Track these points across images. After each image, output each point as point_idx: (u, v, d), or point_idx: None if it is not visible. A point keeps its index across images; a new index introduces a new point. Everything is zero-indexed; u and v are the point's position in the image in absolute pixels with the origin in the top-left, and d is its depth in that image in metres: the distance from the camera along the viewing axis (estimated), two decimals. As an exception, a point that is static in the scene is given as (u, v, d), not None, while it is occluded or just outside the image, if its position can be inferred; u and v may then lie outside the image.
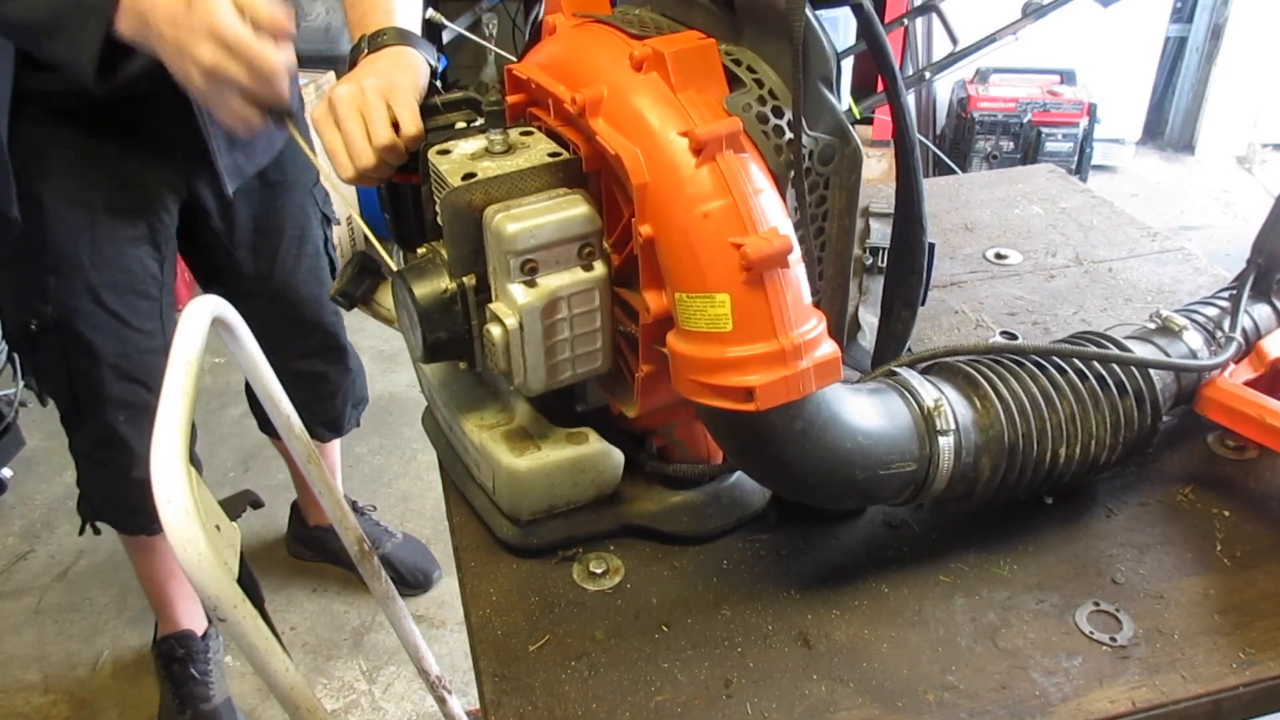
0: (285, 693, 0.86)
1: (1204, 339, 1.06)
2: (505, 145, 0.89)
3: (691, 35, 0.84)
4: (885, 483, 0.89)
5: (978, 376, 0.94)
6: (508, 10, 3.81)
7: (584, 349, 0.90)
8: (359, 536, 1.23)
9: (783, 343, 0.78)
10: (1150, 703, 0.83)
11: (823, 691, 0.85)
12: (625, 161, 0.78)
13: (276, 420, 1.10)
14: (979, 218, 1.62)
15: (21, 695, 2.04)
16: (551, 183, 0.87)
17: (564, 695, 0.85)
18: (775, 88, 0.84)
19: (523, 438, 0.97)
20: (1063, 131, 3.57)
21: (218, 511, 0.91)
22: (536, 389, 0.90)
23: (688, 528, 1.00)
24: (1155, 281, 1.43)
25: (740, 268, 0.76)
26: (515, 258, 0.83)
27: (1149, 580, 0.94)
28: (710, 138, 0.77)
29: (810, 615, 0.92)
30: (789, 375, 0.78)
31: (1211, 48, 4.13)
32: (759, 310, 0.77)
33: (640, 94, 0.81)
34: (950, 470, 0.91)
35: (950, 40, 2.77)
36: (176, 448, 0.80)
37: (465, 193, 0.85)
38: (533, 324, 0.85)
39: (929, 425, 0.90)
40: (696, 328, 0.79)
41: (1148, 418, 0.98)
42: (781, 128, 0.83)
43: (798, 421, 0.82)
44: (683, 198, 0.77)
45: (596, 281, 0.87)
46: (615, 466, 0.98)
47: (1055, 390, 0.95)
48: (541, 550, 0.99)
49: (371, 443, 2.71)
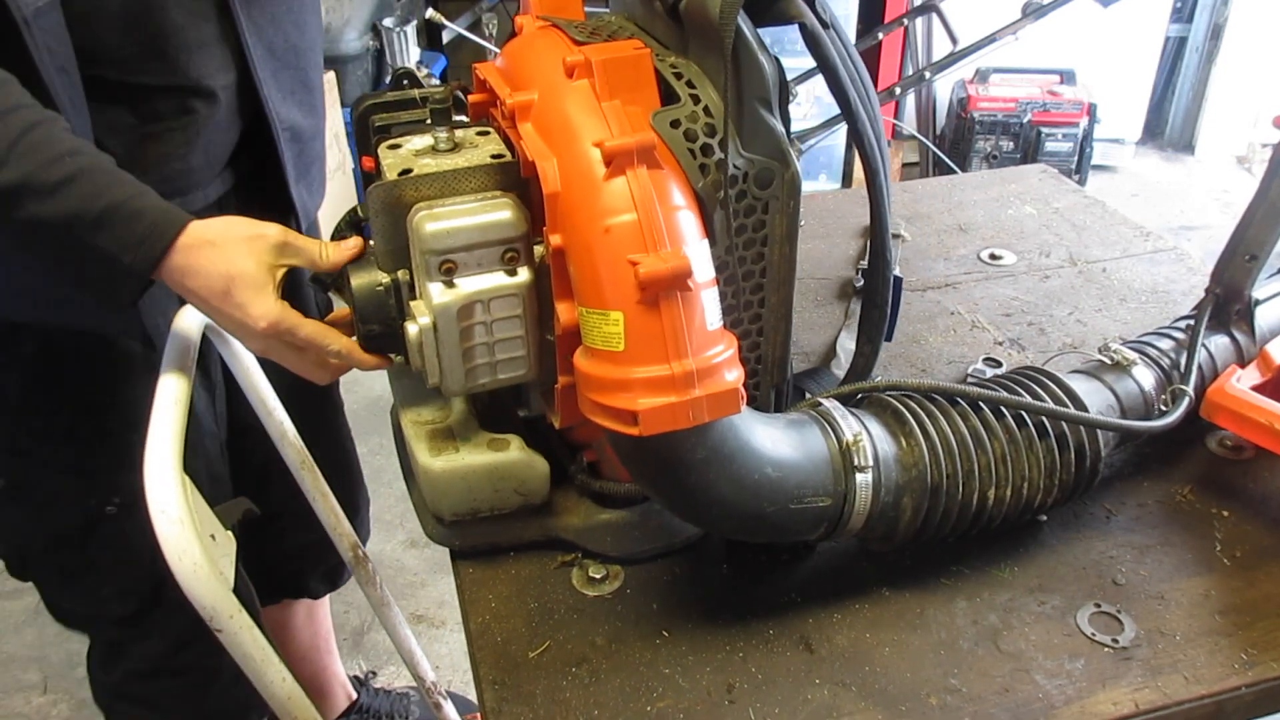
0: (282, 702, 0.86)
1: (1155, 376, 1.03)
2: (451, 143, 0.89)
3: (629, 45, 0.82)
4: (797, 517, 0.85)
5: (905, 412, 0.90)
6: (507, 10, 3.80)
7: (505, 355, 0.88)
8: (353, 543, 1.22)
9: (674, 368, 0.74)
10: (1153, 704, 0.83)
11: (825, 696, 0.84)
12: (539, 169, 0.78)
13: (270, 427, 1.09)
14: (973, 218, 1.62)
15: (21, 695, 2.03)
16: (488, 184, 0.86)
17: (565, 702, 0.85)
18: (712, 105, 0.81)
19: (445, 438, 0.97)
20: (1063, 131, 3.57)
21: (213, 520, 0.90)
22: (455, 390, 0.89)
23: (611, 548, 0.98)
24: (1149, 281, 1.42)
25: (635, 286, 0.73)
26: (434, 257, 0.83)
27: (1150, 581, 0.94)
28: (620, 150, 0.75)
29: (812, 619, 0.92)
30: (676, 403, 0.74)
31: (1211, 48, 4.13)
32: (652, 332, 0.74)
33: (567, 100, 0.80)
34: (868, 508, 0.87)
35: (950, 40, 2.77)
36: (170, 458, 0.80)
37: (394, 188, 0.84)
38: (448, 325, 0.85)
39: (846, 460, 0.86)
40: (594, 345, 0.77)
41: (1086, 459, 0.94)
42: (711, 147, 0.80)
43: (700, 450, 0.78)
44: (590, 209, 0.76)
45: (519, 288, 0.85)
46: (538, 477, 0.96)
47: (986, 430, 0.91)
48: (465, 554, 0.99)
49: (371, 443, 2.70)
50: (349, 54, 3.43)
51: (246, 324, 0.88)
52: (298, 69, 1.19)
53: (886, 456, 0.88)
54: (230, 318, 0.89)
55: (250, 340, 0.91)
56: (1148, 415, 1.00)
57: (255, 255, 0.88)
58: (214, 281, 0.87)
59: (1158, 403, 1.01)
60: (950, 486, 0.89)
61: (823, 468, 0.85)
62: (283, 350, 0.92)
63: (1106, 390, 1.00)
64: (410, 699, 1.90)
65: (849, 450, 0.86)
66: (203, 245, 0.87)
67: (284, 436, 1.11)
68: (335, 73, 3.29)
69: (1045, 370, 0.99)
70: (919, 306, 1.38)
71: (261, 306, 0.87)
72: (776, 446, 0.84)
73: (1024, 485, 0.92)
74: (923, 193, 1.72)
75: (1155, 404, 1.01)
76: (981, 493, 0.91)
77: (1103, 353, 1.04)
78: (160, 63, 1.03)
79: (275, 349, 0.91)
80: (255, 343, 0.91)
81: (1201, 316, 1.07)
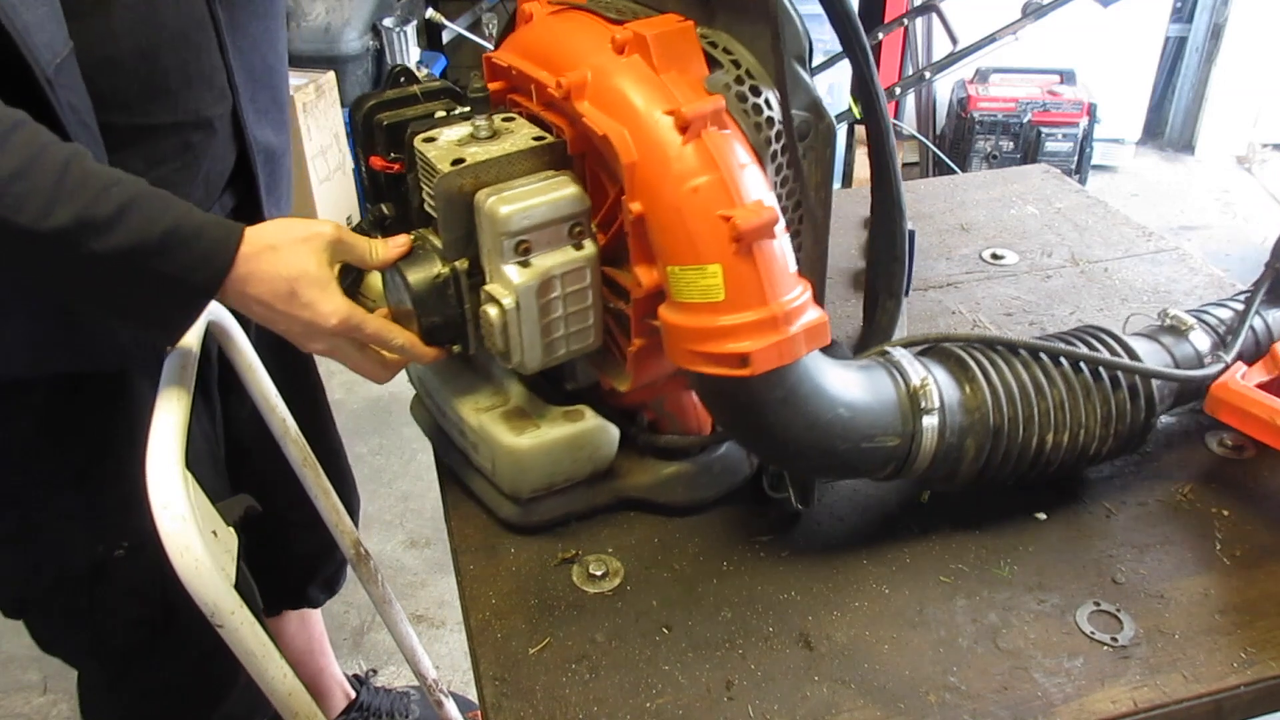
0: (283, 699, 0.86)
1: (1212, 342, 1.06)
2: (490, 131, 0.91)
3: (671, 18, 0.87)
4: (867, 456, 0.91)
5: (968, 360, 0.96)
6: (507, 10, 3.80)
7: (577, 326, 0.92)
8: (355, 540, 1.23)
9: (774, 309, 0.81)
10: (1152, 703, 0.83)
11: (824, 693, 0.84)
12: (614, 141, 0.81)
13: (272, 423, 1.09)
14: (974, 218, 1.62)
15: (21, 695, 2.03)
16: (538, 166, 0.90)
17: (565, 698, 0.85)
18: (751, 68, 0.86)
19: (521, 417, 0.99)
20: (1063, 131, 3.57)
21: (214, 517, 0.90)
22: (533, 367, 0.92)
23: (682, 497, 1.02)
24: (1151, 281, 1.42)
25: (730, 239, 0.79)
26: (509, 239, 0.85)
27: (1149, 580, 0.94)
28: (696, 115, 0.80)
29: (811, 617, 0.92)
30: (781, 340, 0.81)
31: (1211, 48, 4.12)
32: (750, 279, 0.80)
33: (623, 76, 0.83)
34: (933, 448, 0.92)
35: (950, 40, 2.76)
36: (173, 453, 0.80)
37: (456, 177, 0.86)
38: (529, 303, 0.87)
39: (914, 403, 0.91)
40: (689, 299, 0.82)
41: (1141, 413, 0.99)
42: (760, 106, 0.86)
43: (779, 390, 0.84)
44: (671, 174, 0.80)
45: (588, 260, 0.89)
46: (611, 441, 1.00)
47: (1046, 378, 0.96)
48: (543, 527, 1.01)
49: (371, 443, 2.71)
50: (349, 54, 3.43)
51: (316, 322, 0.88)
52: (271, 87, 1.18)
53: (951, 400, 0.93)
54: (297, 319, 0.88)
55: (317, 340, 0.90)
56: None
57: (315, 254, 0.87)
58: (278, 285, 0.86)
59: None
60: (1011, 430, 0.94)
61: (891, 410, 0.91)
62: (348, 348, 0.92)
63: (1164, 352, 1.04)
64: (410, 698, 1.90)
65: (916, 394, 0.92)
66: (263, 251, 0.86)
67: (286, 434, 1.12)
68: (335, 73, 3.28)
69: (1106, 328, 1.03)
70: (920, 306, 1.38)
71: (330, 304, 0.88)
72: (849, 389, 0.89)
73: (1081, 432, 0.97)
74: (924, 192, 1.72)
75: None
76: (1040, 437, 0.96)
77: (1162, 318, 1.08)
78: (164, 100, 1.02)
79: (342, 347, 0.91)
80: (322, 342, 0.90)
81: (1259, 289, 1.11)
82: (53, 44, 0.87)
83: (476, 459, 1.03)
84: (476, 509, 1.05)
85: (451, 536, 1.04)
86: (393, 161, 0.99)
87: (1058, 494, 1.04)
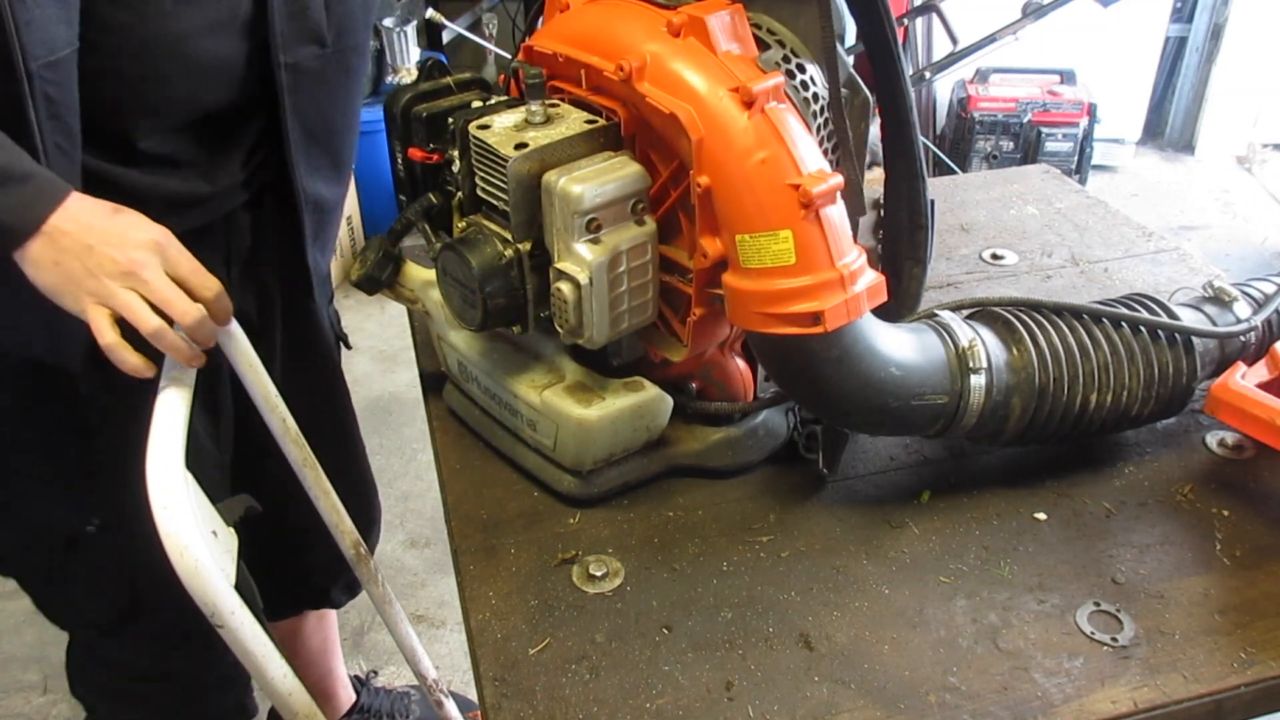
0: (283, 699, 0.86)
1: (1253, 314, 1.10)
2: (545, 116, 0.93)
3: (720, 3, 0.91)
4: (917, 413, 0.95)
5: (1015, 322, 1.00)
6: (508, 10, 3.80)
7: (639, 300, 0.96)
8: (355, 540, 1.22)
9: (841, 270, 0.87)
10: (1152, 703, 0.83)
11: (824, 693, 0.84)
12: (682, 119, 0.85)
13: (272, 423, 1.09)
14: (975, 218, 1.62)
15: (21, 695, 2.03)
16: (595, 148, 0.93)
17: (565, 699, 0.85)
18: (795, 47, 0.94)
19: (583, 391, 1.02)
20: (1063, 131, 3.57)
21: (214, 517, 0.90)
22: (601, 341, 0.95)
23: (730, 461, 1.08)
24: (1151, 281, 1.42)
25: (799, 205, 0.84)
26: (581, 217, 0.89)
27: (1149, 580, 0.94)
28: (760, 92, 0.85)
29: (811, 617, 0.92)
30: (849, 299, 0.87)
31: (1211, 48, 4.13)
32: (818, 243, 0.86)
33: (683, 58, 0.88)
34: (981, 406, 0.97)
35: (950, 40, 2.77)
36: (174, 453, 0.80)
37: (525, 161, 0.90)
38: (600, 279, 0.91)
39: (962, 363, 0.96)
40: (760, 264, 0.87)
41: (1183, 376, 1.02)
42: (806, 82, 0.93)
43: (835, 349, 0.89)
44: (738, 148, 0.85)
45: (649, 235, 0.93)
46: (667, 410, 1.04)
47: (1091, 340, 1.01)
48: (602, 498, 1.05)
49: (371, 443, 2.68)
50: (349, 53, 3.42)
51: (137, 228, 0.88)
52: (329, 149, 1.20)
53: (998, 361, 0.98)
54: (112, 229, 0.88)
55: (131, 249, 0.88)
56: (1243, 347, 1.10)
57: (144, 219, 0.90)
58: (102, 209, 0.89)
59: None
60: (1056, 389, 0.99)
61: (941, 369, 0.96)
62: (156, 272, 0.89)
63: (1208, 321, 1.08)
64: (411, 698, 1.90)
65: (965, 354, 0.96)
66: (93, 206, 0.89)
67: (286, 434, 1.11)
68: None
69: (1151, 295, 1.08)
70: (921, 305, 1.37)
71: (155, 225, 0.90)
72: (900, 349, 0.94)
73: (1124, 393, 1.01)
74: (923, 192, 1.72)
75: (1250, 340, 1.11)
76: (1085, 397, 1.00)
77: (1207, 289, 1.12)
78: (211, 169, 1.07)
79: (152, 266, 0.88)
80: (138, 252, 0.88)
81: None
82: (50, 41, 0.88)
83: (534, 436, 1.05)
84: (478, 508, 1.05)
85: (451, 537, 1.03)
86: (432, 152, 1.00)
87: (1058, 494, 1.04)
